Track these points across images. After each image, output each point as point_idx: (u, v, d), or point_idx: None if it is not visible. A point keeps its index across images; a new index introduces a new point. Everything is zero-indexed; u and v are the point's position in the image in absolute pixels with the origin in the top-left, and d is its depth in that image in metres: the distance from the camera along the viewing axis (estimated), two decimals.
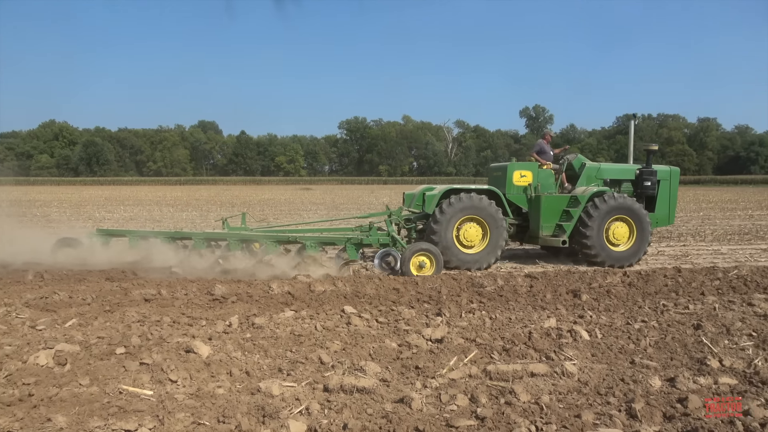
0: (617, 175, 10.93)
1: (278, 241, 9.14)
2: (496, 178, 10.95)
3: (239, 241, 9.09)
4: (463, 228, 9.66)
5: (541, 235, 10.25)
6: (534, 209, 10.41)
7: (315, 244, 8.97)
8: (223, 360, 4.36)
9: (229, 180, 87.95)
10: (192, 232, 10.09)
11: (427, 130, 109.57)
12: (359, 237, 9.10)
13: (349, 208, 27.32)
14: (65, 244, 9.32)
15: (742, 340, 5.06)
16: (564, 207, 10.20)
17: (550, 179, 10.72)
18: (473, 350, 4.70)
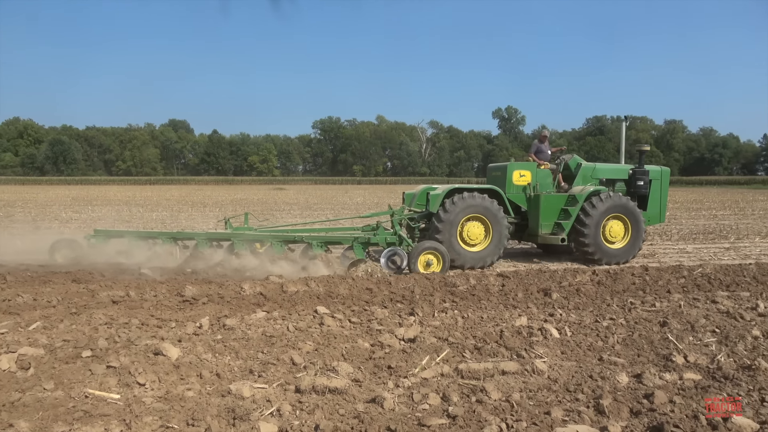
0: (612, 174, 11.22)
1: (284, 240, 9.16)
2: (495, 178, 11.11)
3: (244, 241, 9.07)
4: (467, 227, 9.83)
5: (540, 233, 10.46)
6: (533, 208, 10.62)
7: (321, 243, 9.02)
8: (193, 362, 4.30)
9: (201, 180, 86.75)
10: (195, 233, 10.01)
11: (401, 131, 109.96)
12: (366, 236, 9.18)
13: (323, 208, 27.22)
14: (63, 246, 9.23)
15: (706, 336, 5.19)
16: (562, 206, 10.44)
17: (548, 179, 10.94)
18: (445, 349, 4.73)
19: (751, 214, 23.52)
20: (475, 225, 9.86)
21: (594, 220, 10.10)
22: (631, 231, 10.42)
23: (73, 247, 9.32)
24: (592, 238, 10.15)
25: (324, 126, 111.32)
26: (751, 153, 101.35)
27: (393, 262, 8.72)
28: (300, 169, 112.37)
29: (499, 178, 10.93)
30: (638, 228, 10.42)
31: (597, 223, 10.14)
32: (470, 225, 9.84)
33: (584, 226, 10.11)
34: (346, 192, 51.47)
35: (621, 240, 10.45)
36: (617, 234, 10.36)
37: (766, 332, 5.28)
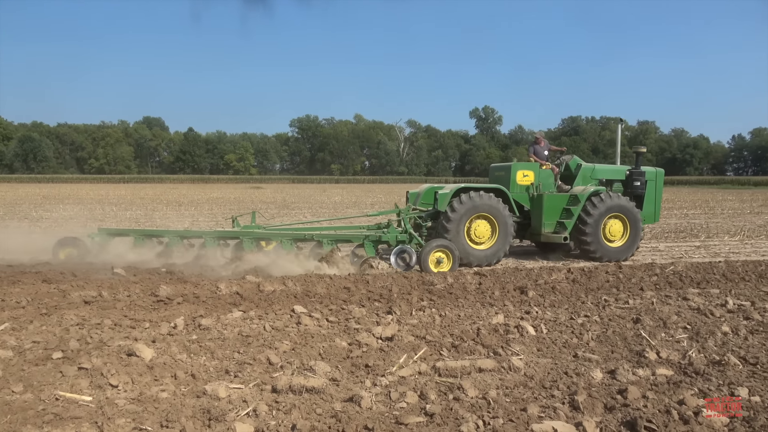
0: (610, 175, 11.48)
1: (294, 239, 9.19)
2: (498, 178, 11.30)
3: (253, 239, 9.07)
4: (474, 225, 10.00)
5: (543, 232, 10.66)
6: (536, 207, 10.82)
7: (331, 241, 9.05)
8: (167, 363, 4.23)
9: (176, 178, 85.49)
10: (203, 231, 9.96)
11: (379, 130, 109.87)
12: (377, 234, 9.21)
13: (301, 207, 27.08)
14: (66, 244, 9.12)
15: (678, 332, 5.30)
16: (564, 205, 10.64)
17: (550, 179, 11.18)
18: (423, 347, 4.74)
19: (720, 213, 24.08)
20: (482, 224, 10.04)
21: (595, 219, 10.36)
22: (629, 230, 10.69)
23: (77, 245, 9.22)
24: (593, 237, 10.41)
25: (302, 124, 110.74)
26: (720, 154, 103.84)
27: (402, 259, 8.84)
28: (277, 167, 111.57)
29: (502, 178, 11.12)
30: (636, 227, 10.69)
31: (598, 222, 10.41)
32: (477, 223, 10.02)
33: (586, 225, 10.35)
34: (324, 191, 51.28)
35: (620, 238, 10.71)
36: (617, 233, 10.63)
37: (735, 328, 5.41)
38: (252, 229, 9.72)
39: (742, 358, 4.55)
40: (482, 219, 10.06)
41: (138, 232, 9.73)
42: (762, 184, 72.34)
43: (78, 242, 9.27)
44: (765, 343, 4.99)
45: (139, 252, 9.23)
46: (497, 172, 11.55)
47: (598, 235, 10.47)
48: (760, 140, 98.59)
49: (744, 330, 5.35)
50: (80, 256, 9.01)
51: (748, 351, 4.72)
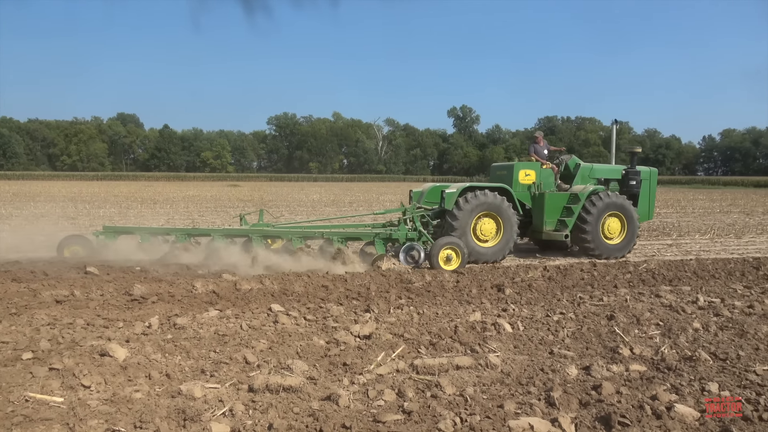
0: (607, 174, 11.77)
1: (304, 236, 9.23)
2: (500, 177, 11.52)
3: (262, 237, 9.16)
4: (480, 223, 10.23)
5: (544, 230, 10.89)
6: (537, 206, 11.04)
7: (342, 239, 9.14)
8: (141, 363, 4.17)
9: (152, 176, 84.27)
10: (211, 229, 9.92)
11: (357, 128, 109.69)
12: (388, 232, 9.31)
13: (278, 205, 26.89)
14: (72, 242, 9.08)
15: (651, 329, 5.40)
16: (565, 204, 10.89)
17: (551, 178, 11.43)
18: (401, 345, 4.74)
19: (691, 212, 24.61)
20: (487, 222, 10.27)
21: (595, 217, 10.63)
22: (627, 228, 11.00)
23: (82, 243, 9.17)
24: (592, 235, 10.67)
25: (279, 122, 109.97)
26: (691, 154, 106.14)
27: (411, 257, 9.02)
28: (255, 165, 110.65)
29: (504, 177, 11.34)
30: (633, 225, 11.01)
31: (597, 220, 10.68)
32: (483, 222, 10.24)
33: (586, 223, 10.61)
34: (302, 189, 51.04)
35: (618, 236, 11.00)
36: (615, 230, 10.92)
37: (706, 325, 5.53)
38: (261, 227, 9.80)
39: (712, 353, 4.65)
40: (488, 217, 10.31)
41: (144, 230, 9.66)
42: (731, 184, 74.19)
43: (83, 240, 9.23)
44: (734, 339, 5.11)
45: (145, 250, 9.19)
46: (499, 171, 11.80)
47: (598, 232, 10.75)
48: (729, 141, 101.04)
49: (714, 326, 5.47)
50: (85, 254, 8.95)
51: (718, 347, 4.83)
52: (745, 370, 4.26)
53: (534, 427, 3.18)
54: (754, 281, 8.11)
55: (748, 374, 4.17)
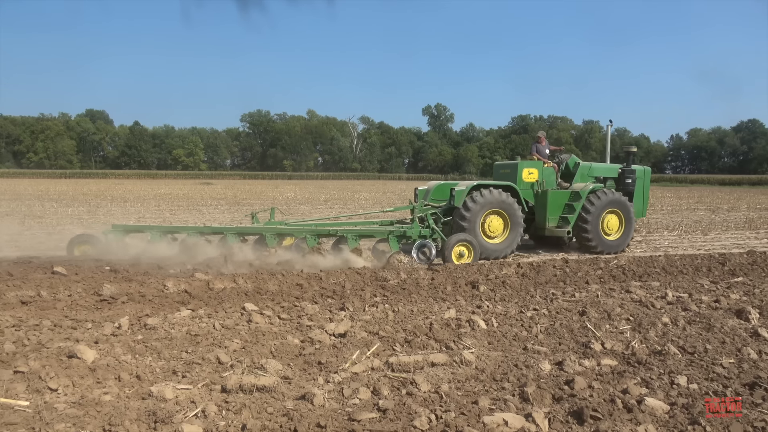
0: (604, 173, 12.23)
1: (318, 234, 9.29)
2: (504, 176, 11.79)
3: (276, 235, 9.32)
4: (488, 220, 10.54)
5: (547, 226, 11.28)
6: (540, 203, 11.39)
7: (356, 237, 9.27)
8: (110, 364, 4.07)
9: (122, 174, 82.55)
10: (224, 227, 9.99)
11: (332, 126, 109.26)
12: (402, 229, 9.48)
13: (252, 203, 26.63)
14: (81, 241, 9.15)
15: (621, 324, 5.49)
16: (566, 201, 11.30)
17: (552, 176, 11.79)
18: (376, 343, 4.73)
19: (660, 209, 25.16)
20: (495, 219, 10.59)
21: (595, 214, 11.03)
22: (624, 224, 11.46)
23: (93, 242, 9.22)
24: (593, 231, 11.07)
25: (253, 119, 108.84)
26: (660, 152, 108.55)
27: (423, 253, 9.21)
28: (228, 163, 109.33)
29: (508, 176, 11.62)
30: (630, 221, 11.47)
31: (597, 217, 11.08)
32: (491, 219, 10.56)
33: (587, 220, 11.00)
34: (277, 187, 50.63)
35: (616, 232, 11.45)
36: (613, 227, 11.37)
37: (675, 319, 5.64)
38: (274, 225, 9.91)
39: (681, 347, 4.75)
40: (495, 214, 10.62)
41: (154, 228, 9.61)
42: (698, 182, 76.06)
43: (93, 239, 9.28)
44: (701, 333, 5.22)
45: (156, 248, 9.19)
46: (503, 170, 12.07)
47: (598, 229, 11.15)
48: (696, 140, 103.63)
49: (682, 320, 5.59)
50: (95, 252, 9.00)
51: (687, 341, 4.94)
52: (712, 363, 4.36)
53: (508, 422, 3.20)
54: (720, 276, 8.32)
55: (715, 367, 4.27)
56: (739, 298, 6.66)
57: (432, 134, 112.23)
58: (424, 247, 9.23)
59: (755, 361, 4.41)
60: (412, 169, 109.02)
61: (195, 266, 8.18)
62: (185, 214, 20.17)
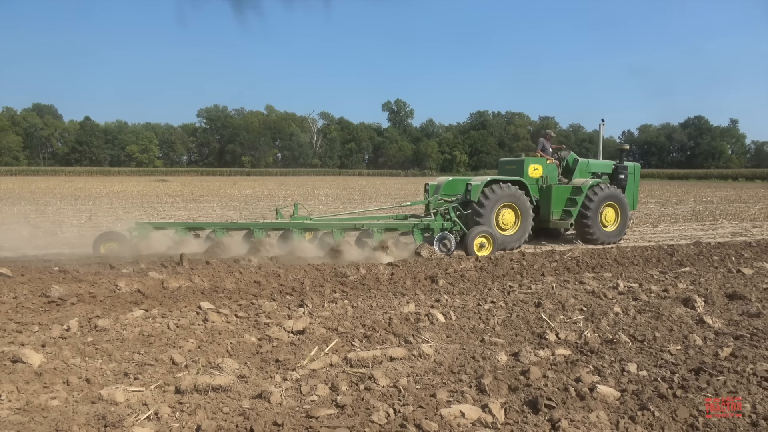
0: (600, 169, 13.08)
1: (344, 228, 9.64)
2: (510, 171, 12.41)
3: (302, 229, 9.61)
4: (502, 213, 11.17)
5: (551, 219, 12.01)
6: (545, 197, 12.12)
7: (381, 230, 9.61)
8: (58, 368, 3.92)
9: (72, 171, 79.58)
10: (251, 223, 10.19)
11: (291, 121, 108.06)
12: (425, 223, 10.03)
13: (209, 200, 26.12)
14: (107, 239, 9.32)
15: (575, 314, 5.63)
16: (568, 195, 12.10)
17: (555, 172, 12.52)
18: (335, 339, 4.71)
19: None
20: (507, 212, 11.25)
21: (595, 207, 11.86)
22: (620, 216, 12.34)
23: (119, 239, 9.38)
24: (593, 222, 11.91)
25: (210, 115, 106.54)
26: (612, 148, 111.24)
27: (444, 245, 9.77)
28: (184, 159, 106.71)
29: (514, 171, 12.25)
30: (625, 213, 12.39)
31: (597, 210, 11.91)
32: (504, 212, 11.21)
33: (588, 212, 11.82)
34: (235, 184, 49.81)
35: (613, 224, 12.32)
36: (610, 219, 12.26)
37: (626, 308, 5.82)
38: (299, 220, 10.23)
39: (631, 336, 4.91)
40: (508, 208, 11.27)
41: (179, 225, 9.89)
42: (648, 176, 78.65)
43: (119, 236, 9.46)
44: (651, 321, 5.41)
45: (181, 245, 9.40)
46: (508, 166, 12.69)
47: (597, 221, 11.98)
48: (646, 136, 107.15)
49: (633, 310, 5.78)
50: (121, 250, 9.18)
51: (637, 329, 5.10)
52: (660, 350, 4.52)
53: (465, 413, 3.24)
54: (668, 267, 8.63)
55: (663, 354, 4.42)
56: (686, 287, 6.92)
57: (392, 130, 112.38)
58: (445, 239, 9.81)
59: (700, 348, 4.59)
60: (373, 164, 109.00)
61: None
62: (139, 211, 19.62)
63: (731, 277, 7.69)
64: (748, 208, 22.48)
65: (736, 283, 7.22)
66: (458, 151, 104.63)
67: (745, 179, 70.23)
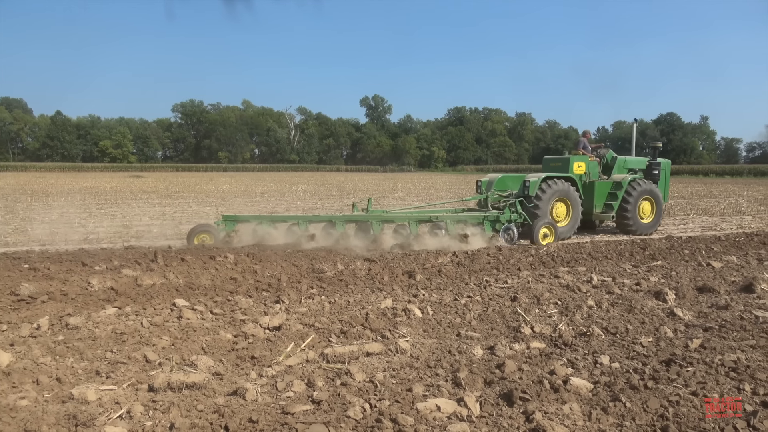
0: (635, 165, 14.06)
1: (419, 221, 10.50)
2: (555, 168, 13.25)
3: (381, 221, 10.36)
4: (555, 207, 12.08)
5: (594, 212, 12.99)
6: (588, 192, 12.97)
7: (454, 222, 10.55)
8: (28, 367, 3.84)
9: (43, 166, 77.73)
10: (333, 216, 10.89)
11: (268, 117, 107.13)
12: (495, 215, 10.96)
13: (185, 196, 25.79)
14: (200, 231, 9.93)
15: (550, 308, 5.70)
16: (609, 190, 13.04)
17: (596, 168, 13.42)
18: (311, 335, 4.70)
19: None
20: (560, 205, 12.17)
21: (634, 201, 12.77)
22: (656, 209, 13.26)
23: (211, 231, 9.96)
24: (632, 215, 12.80)
25: (185, 109, 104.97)
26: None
27: (508, 235, 10.73)
28: (159, 155, 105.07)
29: (559, 168, 13.11)
30: (660, 206, 13.31)
31: (635, 203, 12.82)
32: (557, 205, 12.13)
33: (628, 206, 12.73)
34: (211, 179, 49.23)
35: (649, 216, 13.22)
36: (647, 211, 13.15)
37: (599, 302, 5.92)
38: (377, 213, 11.03)
39: (604, 328, 4.99)
40: (560, 201, 12.15)
41: (264, 218, 10.54)
42: None
43: (211, 228, 10.03)
44: (623, 314, 5.50)
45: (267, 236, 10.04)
46: (553, 163, 13.57)
47: (635, 213, 12.87)
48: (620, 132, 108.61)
49: (606, 303, 5.87)
50: (213, 242, 9.77)
51: (610, 322, 5.19)
52: (632, 343, 4.60)
53: (441, 407, 3.26)
54: (641, 261, 8.79)
55: (635, 346, 4.51)
56: (657, 281, 7.06)
57: (370, 126, 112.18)
58: (509, 229, 10.78)
59: (671, 339, 4.69)
60: (351, 160, 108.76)
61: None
62: (113, 208, 19.27)
63: (701, 270, 7.87)
64: (718, 203, 23.00)
65: (706, 276, 7.39)
66: (436, 146, 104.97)
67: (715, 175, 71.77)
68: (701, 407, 3.33)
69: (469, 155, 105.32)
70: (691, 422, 3.15)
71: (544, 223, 11.00)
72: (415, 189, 35.05)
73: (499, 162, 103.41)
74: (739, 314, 5.47)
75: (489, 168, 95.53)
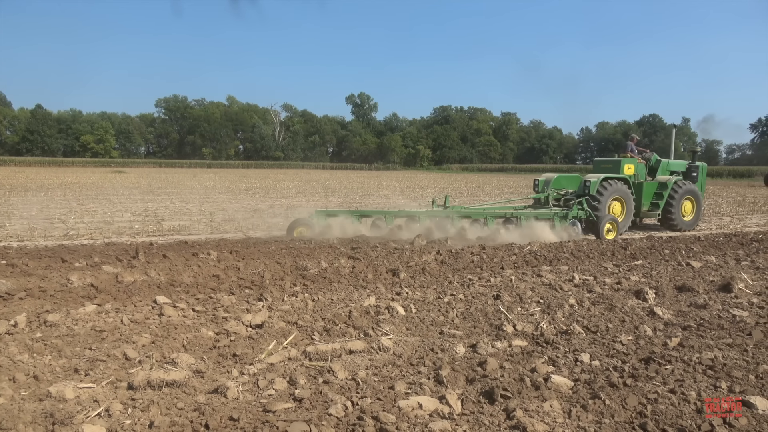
0: (677, 168, 15.49)
1: (497, 216, 11.73)
2: (606, 170, 14.40)
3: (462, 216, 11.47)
4: (611, 205, 13.39)
5: (642, 210, 14.30)
6: (637, 192, 14.17)
7: (527, 217, 11.59)
8: (4, 365, 3.78)
9: (23, 161, 76.53)
10: (417, 211, 12.07)
11: (253, 113, 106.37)
12: (564, 211, 12.18)
13: (168, 192, 25.50)
14: (299, 224, 10.87)
15: (532, 306, 5.74)
16: (655, 190, 14.41)
17: (643, 170, 14.68)
18: (294, 333, 4.68)
19: None
20: (616, 204, 13.45)
21: (678, 200, 14.17)
22: (696, 207, 14.70)
23: (307, 225, 10.92)
24: (676, 213, 14.21)
25: (169, 105, 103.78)
26: (571, 144, 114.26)
27: (574, 229, 11.85)
28: (142, 150, 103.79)
29: (610, 170, 14.28)
30: (700, 205, 14.76)
31: (679, 203, 14.21)
32: (614, 204, 13.40)
33: (672, 205, 14.13)
34: (195, 176, 48.83)
35: (690, 214, 14.66)
36: (688, 210, 14.59)
37: (580, 300, 5.97)
38: (457, 209, 12.09)
39: (585, 327, 5.04)
40: (616, 200, 13.45)
41: (354, 213, 11.62)
42: None
43: (309, 222, 11.00)
44: (604, 312, 5.56)
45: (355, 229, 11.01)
46: (604, 165, 14.84)
47: (679, 211, 14.28)
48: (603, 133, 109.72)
49: (587, 302, 5.93)
50: (310, 234, 10.64)
51: (591, 320, 5.24)
52: (612, 341, 4.65)
53: (423, 405, 3.26)
54: (622, 260, 8.89)
55: (615, 344, 4.56)
56: (638, 280, 7.14)
57: (356, 123, 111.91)
58: (575, 225, 11.98)
59: (650, 338, 4.75)
60: (336, 158, 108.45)
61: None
62: (94, 203, 19.03)
63: (681, 270, 7.98)
64: None
65: (685, 275, 7.49)
66: (422, 145, 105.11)
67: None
68: (679, 405, 3.37)
69: (454, 154, 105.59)
70: (669, 419, 3.19)
71: (608, 220, 12.14)
72: (400, 187, 35.10)
73: (484, 161, 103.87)
74: (716, 313, 5.56)
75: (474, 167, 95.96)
